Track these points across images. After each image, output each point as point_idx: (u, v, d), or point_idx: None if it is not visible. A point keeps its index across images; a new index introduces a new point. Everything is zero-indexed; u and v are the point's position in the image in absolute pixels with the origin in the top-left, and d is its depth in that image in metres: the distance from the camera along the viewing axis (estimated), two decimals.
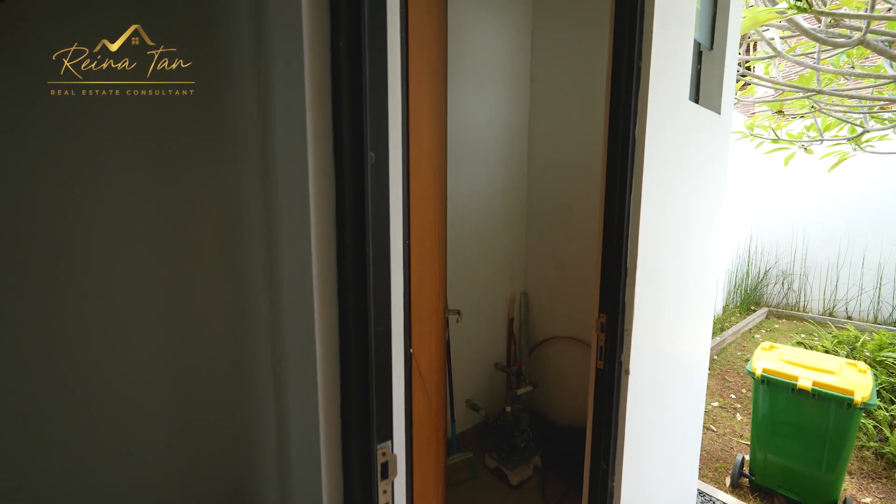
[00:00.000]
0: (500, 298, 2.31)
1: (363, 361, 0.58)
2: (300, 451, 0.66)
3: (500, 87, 2.12)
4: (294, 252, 0.61)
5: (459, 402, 2.15)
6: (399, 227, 0.62)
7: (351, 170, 0.54)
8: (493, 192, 2.18)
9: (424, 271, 0.96)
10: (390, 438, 0.60)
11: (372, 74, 0.55)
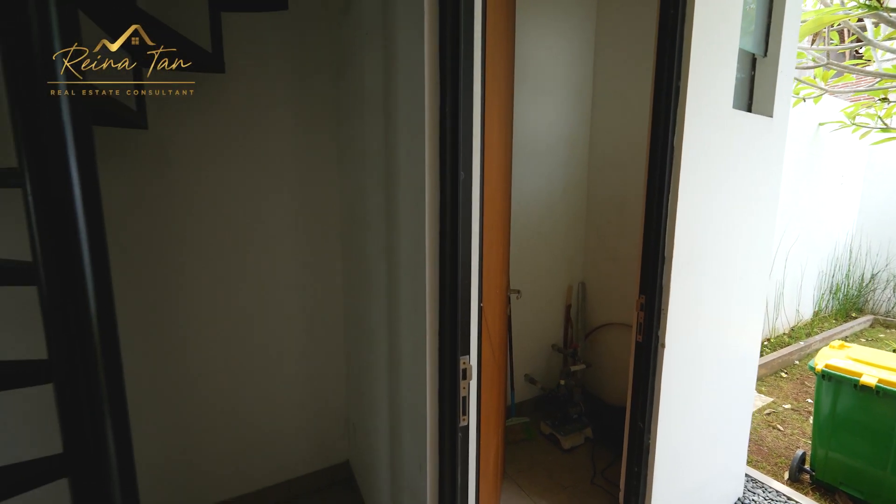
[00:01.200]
0: (559, 287, 2.55)
1: (453, 303, 0.92)
2: (411, 361, 1.03)
3: (562, 95, 2.34)
4: (413, 233, 0.97)
5: (519, 376, 2.44)
6: (477, 221, 0.95)
7: (450, 184, 0.87)
8: (554, 190, 2.42)
9: (491, 254, 1.27)
10: (468, 353, 0.94)
11: (464, 125, 0.88)
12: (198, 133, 1.47)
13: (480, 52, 0.93)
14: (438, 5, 0.88)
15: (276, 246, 1.67)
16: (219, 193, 1.54)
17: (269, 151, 1.61)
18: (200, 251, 1.54)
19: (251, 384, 1.70)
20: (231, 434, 1.68)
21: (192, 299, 1.54)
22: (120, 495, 0.83)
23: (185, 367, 1.56)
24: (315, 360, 1.82)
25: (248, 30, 1.49)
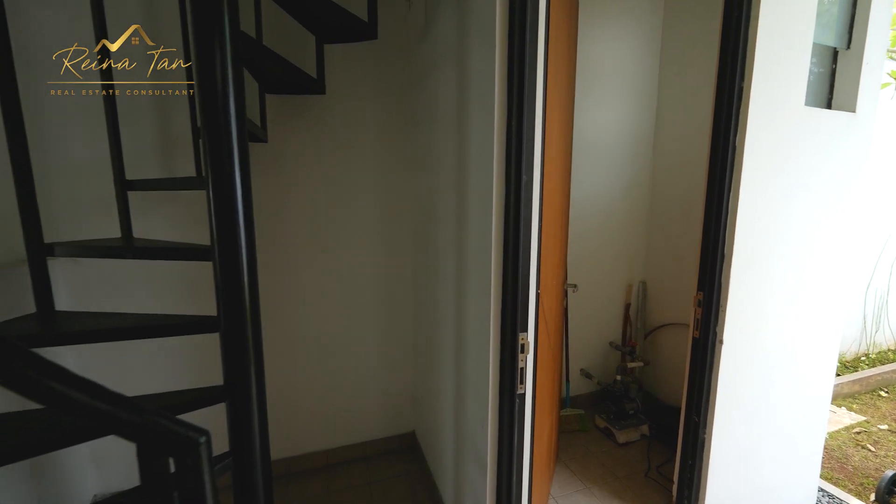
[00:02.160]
0: (619, 285, 2.57)
1: (514, 287, 1.08)
2: (477, 336, 1.21)
3: (626, 94, 2.37)
4: (479, 223, 1.15)
5: (574, 369, 2.52)
6: (536, 218, 1.10)
7: (514, 185, 1.04)
8: (616, 189, 2.45)
9: (549, 248, 1.41)
10: (526, 331, 1.10)
11: (527, 133, 1.03)
12: (303, 145, 1.79)
13: (542, 68, 1.08)
14: (508, 31, 1.04)
15: (359, 239, 1.95)
16: (317, 193, 1.85)
17: (356, 158, 1.89)
18: (301, 240, 1.86)
19: (337, 355, 2.00)
20: (320, 395, 1.99)
21: (293, 280, 1.87)
22: (258, 419, 1.11)
23: (290, 335, 1.89)
24: (388, 340, 2.08)
25: (344, 56, 1.77)
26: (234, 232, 1.04)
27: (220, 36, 0.96)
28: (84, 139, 1.49)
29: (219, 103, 0.97)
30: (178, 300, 1.66)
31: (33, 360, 0.45)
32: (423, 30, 1.70)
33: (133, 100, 1.52)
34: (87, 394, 0.47)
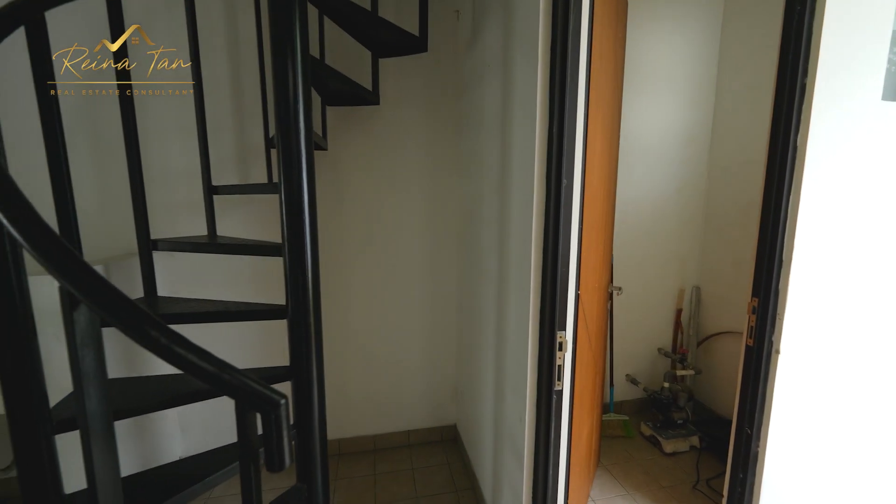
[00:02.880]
0: (669, 289, 2.48)
1: (553, 287, 1.12)
2: (516, 333, 1.27)
3: (679, 93, 2.29)
4: (521, 226, 1.21)
5: (620, 374, 2.47)
6: (576, 221, 1.13)
7: (555, 189, 1.08)
8: (668, 190, 2.37)
9: (590, 250, 1.42)
10: (564, 329, 1.14)
11: (567, 140, 1.07)
12: (358, 151, 1.94)
13: (585, 77, 1.11)
14: (550, 43, 1.09)
15: (407, 238, 2.07)
16: (370, 195, 1.99)
17: (406, 163, 2.01)
18: (354, 239, 2.01)
19: (384, 347, 2.14)
20: (368, 383, 2.14)
21: (346, 275, 2.03)
22: (317, 397, 1.25)
23: (342, 326, 2.06)
24: (432, 335, 2.19)
25: (395, 68, 1.89)
26: (301, 232, 1.18)
27: (293, 62, 1.10)
28: (177, 151, 1.74)
29: (290, 119, 1.11)
30: (245, 290, 1.87)
31: (166, 331, 0.59)
32: (471, 40, 1.77)
33: (216, 114, 1.74)
34: (201, 358, 0.61)
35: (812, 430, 1.46)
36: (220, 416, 1.94)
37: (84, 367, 0.63)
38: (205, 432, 1.94)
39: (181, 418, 1.91)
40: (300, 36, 1.11)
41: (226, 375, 0.61)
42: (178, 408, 1.88)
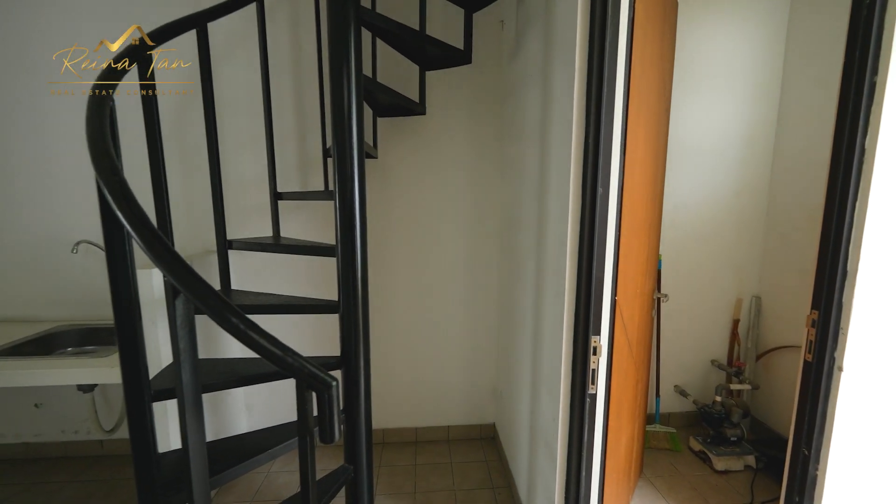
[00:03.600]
0: (724, 298, 2.35)
1: (588, 292, 1.14)
2: (551, 336, 1.30)
3: (738, 88, 2.16)
4: (557, 232, 1.24)
5: (667, 385, 2.38)
6: (612, 228, 1.15)
7: (590, 197, 1.11)
8: (724, 193, 2.25)
9: (630, 256, 1.41)
10: (598, 334, 1.15)
11: (604, 150, 1.10)
12: (405, 158, 2.06)
13: (623, 86, 1.13)
14: (587, 54, 1.12)
15: (450, 240, 2.16)
16: (415, 200, 2.11)
17: (450, 168, 2.10)
18: (400, 240, 2.13)
19: (426, 344, 2.24)
20: (411, 377, 2.25)
21: (391, 274, 2.16)
22: (364, 386, 1.37)
23: (387, 322, 2.19)
24: (473, 335, 2.25)
25: (441, 79, 1.99)
26: (352, 236, 1.31)
27: (348, 84, 1.23)
28: (248, 161, 1.96)
29: (345, 133, 1.24)
30: (302, 285, 2.06)
31: (244, 319, 0.72)
32: (515, 49, 1.82)
33: (281, 127, 1.94)
34: (271, 342, 0.73)
35: (878, 456, 1.35)
36: (280, 398, 2.15)
37: (181, 346, 0.78)
38: (266, 412, 2.16)
39: (247, 398, 2.15)
40: (354, 59, 1.24)
41: (289, 358, 0.73)
42: (244, 388, 2.12)
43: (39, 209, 1.92)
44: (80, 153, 1.90)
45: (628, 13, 1.12)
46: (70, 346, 1.88)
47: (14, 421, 2.07)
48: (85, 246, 1.90)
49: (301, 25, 1.91)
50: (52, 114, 1.86)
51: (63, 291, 1.97)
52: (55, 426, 2.09)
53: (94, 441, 2.12)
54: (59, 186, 1.91)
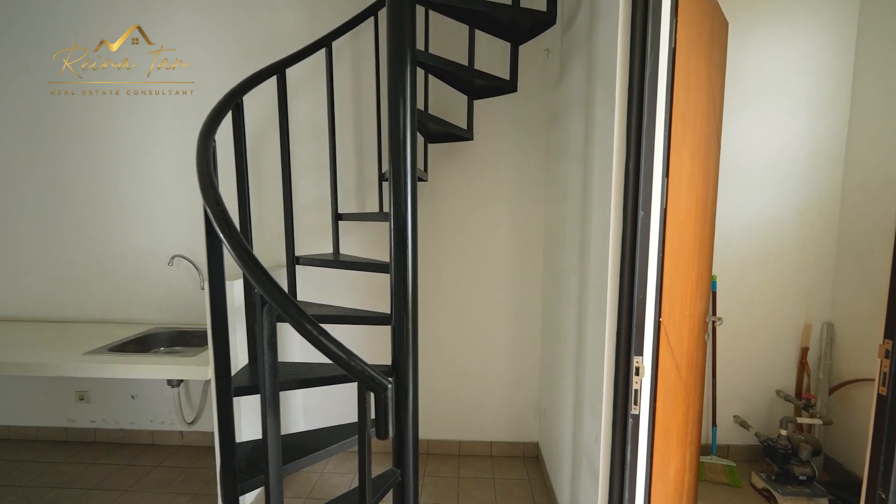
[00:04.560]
0: (790, 324, 2.20)
1: (629, 312, 1.17)
2: (594, 355, 1.33)
3: (799, 103, 2.07)
4: (599, 253, 1.28)
5: (725, 414, 2.24)
6: (655, 249, 1.17)
7: (631, 220, 1.14)
8: (786, 213, 2.14)
9: (676, 277, 1.41)
10: (641, 355, 1.17)
11: (644, 172, 1.14)
12: (453, 181, 2.19)
13: (665, 113, 1.17)
14: (628, 83, 1.18)
15: (495, 259, 2.23)
16: (462, 220, 2.22)
17: (496, 190, 2.19)
18: (446, 258, 2.24)
19: (470, 359, 2.31)
20: (454, 391, 2.32)
21: (438, 290, 2.27)
22: (412, 394, 1.47)
23: (433, 335, 2.29)
24: (517, 351, 2.29)
25: (488, 106, 2.11)
26: (404, 253, 1.43)
27: (404, 115, 1.37)
28: (310, 185, 2.19)
29: (400, 162, 1.38)
30: (357, 298, 2.22)
31: (317, 326, 0.85)
32: (559, 77, 1.90)
33: (342, 153, 2.15)
34: (338, 347, 0.85)
35: None
36: (334, 402, 2.31)
37: (266, 348, 0.92)
38: (320, 414, 2.32)
39: (305, 400, 2.33)
40: (410, 95, 1.39)
41: (353, 362, 0.85)
42: (302, 391, 2.30)
43: (144, 227, 2.27)
44: (176, 180, 2.23)
45: (669, 43, 1.17)
46: (162, 346, 2.17)
47: (114, 409, 2.40)
48: (178, 260, 2.21)
49: (362, 63, 2.12)
50: (157, 147, 2.21)
51: (159, 298, 2.29)
52: (146, 416, 2.40)
53: (176, 432, 2.40)
54: (160, 209, 2.25)
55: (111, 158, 2.24)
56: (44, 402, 2.42)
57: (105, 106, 2.16)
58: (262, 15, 2.12)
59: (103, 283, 2.32)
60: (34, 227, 2.31)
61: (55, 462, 2.26)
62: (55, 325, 2.27)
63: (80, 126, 2.20)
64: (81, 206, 2.28)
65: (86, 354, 1.82)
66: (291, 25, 2.11)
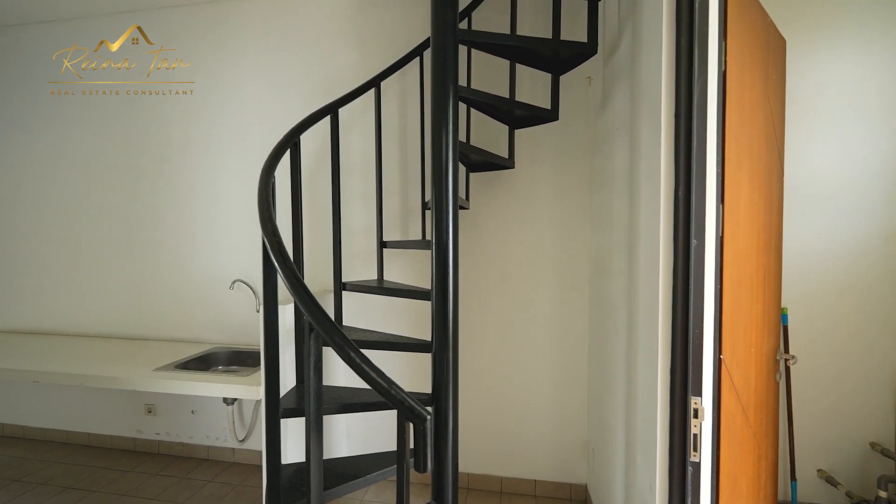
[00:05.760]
0: (884, 364, 1.92)
1: (684, 350, 1.09)
2: (646, 394, 1.24)
3: (876, 120, 1.88)
4: (648, 285, 1.22)
5: (807, 468, 1.97)
6: (712, 282, 1.09)
7: (682, 250, 1.08)
8: (869, 238, 1.91)
9: (738, 310, 1.29)
10: (700, 396, 1.07)
11: (696, 201, 1.08)
12: (495, 208, 2.20)
13: (717, 138, 1.12)
14: (674, 112, 1.14)
15: (537, 287, 2.19)
16: (504, 247, 2.21)
17: (537, 217, 2.17)
18: (488, 286, 2.23)
19: (513, 390, 2.23)
20: (496, 424, 2.25)
21: (479, 317, 2.25)
22: (452, 423, 1.44)
23: (473, 364, 2.26)
24: (561, 384, 2.19)
25: (530, 134, 2.13)
26: (445, 281, 1.45)
27: (446, 147, 1.42)
28: (357, 213, 2.30)
29: (442, 193, 1.42)
30: (400, 323, 2.25)
31: (359, 354, 0.88)
32: (602, 104, 1.89)
33: (387, 182, 2.25)
34: (379, 375, 0.87)
35: None
36: (375, 429, 2.32)
37: (312, 373, 0.96)
38: (362, 440, 2.34)
39: (348, 424, 2.36)
40: (452, 129, 1.44)
41: (393, 391, 0.86)
42: (346, 415, 2.34)
43: (210, 253, 2.49)
44: (237, 210, 2.44)
45: (718, 66, 1.13)
46: (220, 365, 2.32)
47: (176, 423, 2.58)
48: (238, 284, 2.39)
49: (408, 99, 2.24)
50: (224, 177, 2.44)
51: (220, 319, 2.47)
52: (203, 431, 2.54)
53: (229, 448, 2.52)
54: (223, 236, 2.47)
55: (188, 190, 2.51)
56: (118, 413, 2.65)
57: (181, 144, 2.46)
58: (321, 60, 2.33)
59: (174, 305, 2.55)
60: (121, 254, 2.61)
61: (124, 470, 2.45)
62: (133, 342, 2.52)
63: (161, 165, 2.51)
64: (159, 234, 2.56)
65: (155, 370, 1.98)
66: (347, 68, 2.30)
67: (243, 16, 2.39)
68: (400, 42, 2.18)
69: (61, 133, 2.60)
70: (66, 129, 2.59)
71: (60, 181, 2.67)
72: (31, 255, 2.76)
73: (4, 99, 2.61)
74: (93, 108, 2.50)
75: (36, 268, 2.75)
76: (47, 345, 2.48)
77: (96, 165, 2.61)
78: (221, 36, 2.40)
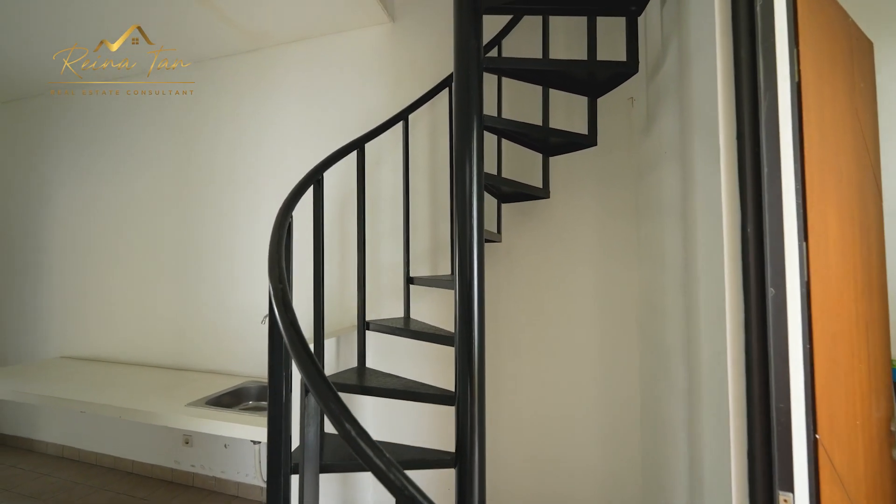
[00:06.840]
0: None
1: (765, 426, 0.85)
2: (715, 478, 1.00)
3: None
4: (713, 343, 1.00)
5: None
6: (799, 339, 0.86)
7: (756, 300, 0.87)
8: None
9: (837, 374, 1.02)
10: (791, 490, 0.82)
11: (772, 240, 0.87)
12: (530, 241, 2.05)
13: (793, 160, 0.91)
14: (736, 132, 0.96)
15: (578, 326, 1.97)
16: (540, 281, 2.03)
17: (576, 249, 1.98)
18: (526, 325, 2.05)
19: (554, 448, 1.98)
20: (532, 484, 2.00)
21: (517, 363, 2.05)
22: (478, 487, 1.26)
23: (508, 413, 2.04)
24: (609, 442, 1.91)
25: (566, 161, 1.98)
26: (470, 325, 1.31)
27: (469, 179, 1.32)
28: (384, 248, 2.24)
29: (466, 225, 1.31)
30: (426, 366, 2.11)
31: (356, 426, 0.76)
32: (646, 127, 1.71)
33: (415, 217, 2.18)
34: (376, 454, 0.74)
35: None
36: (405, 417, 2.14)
37: (308, 432, 0.86)
38: (389, 431, 2.16)
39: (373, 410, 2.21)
40: (476, 159, 1.34)
41: (391, 475, 0.72)
42: (371, 402, 2.17)
43: (245, 288, 2.54)
44: None
45: (791, 77, 0.94)
46: (251, 400, 2.30)
47: (210, 456, 2.58)
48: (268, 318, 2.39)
49: (437, 131, 2.20)
50: (261, 212, 2.51)
51: (252, 353, 2.48)
52: (234, 467, 2.52)
53: (258, 486, 2.46)
54: (256, 271, 2.51)
55: (228, 226, 2.61)
56: (159, 442, 2.71)
57: (225, 180, 2.58)
58: (356, 99, 2.37)
59: (212, 338, 2.61)
60: (167, 285, 2.75)
61: (161, 501, 2.46)
62: (174, 373, 2.59)
63: (206, 199, 2.64)
64: (202, 268, 2.66)
65: (187, 406, 1.99)
66: (378, 104, 2.31)
67: (286, 61, 2.52)
68: (432, 75, 2.16)
69: (114, 169, 2.86)
70: (117, 167, 2.84)
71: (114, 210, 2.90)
72: (95, 285, 2.98)
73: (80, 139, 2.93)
74: (135, 133, 2.73)
75: (94, 297, 2.97)
76: (102, 372, 2.62)
77: (149, 198, 2.81)
78: (264, 81, 2.54)
